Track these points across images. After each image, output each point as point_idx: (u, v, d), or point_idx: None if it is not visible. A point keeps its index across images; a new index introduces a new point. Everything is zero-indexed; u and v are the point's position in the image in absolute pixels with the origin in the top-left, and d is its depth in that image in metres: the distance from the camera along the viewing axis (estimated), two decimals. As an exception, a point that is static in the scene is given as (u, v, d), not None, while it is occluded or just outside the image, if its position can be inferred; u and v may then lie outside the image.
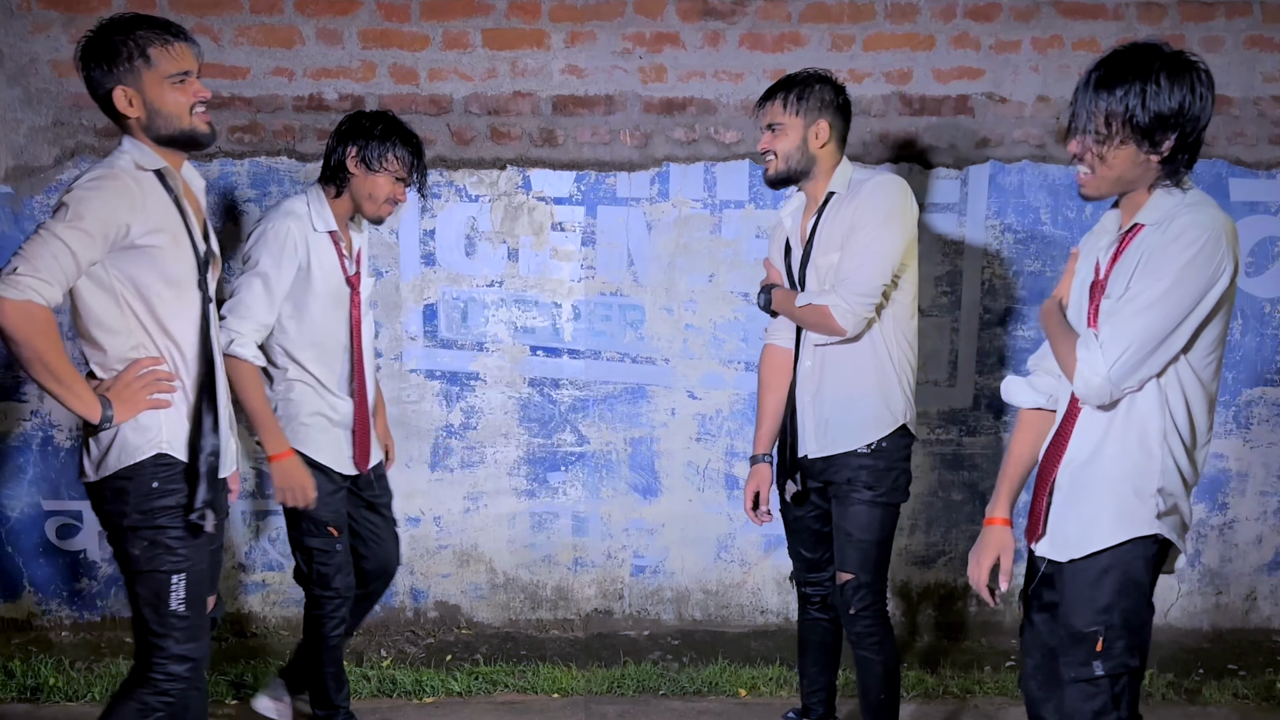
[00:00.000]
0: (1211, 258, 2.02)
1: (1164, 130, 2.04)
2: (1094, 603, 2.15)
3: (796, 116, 2.75)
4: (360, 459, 3.05)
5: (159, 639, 2.36)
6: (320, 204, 2.92)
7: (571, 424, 3.89)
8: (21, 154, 3.66)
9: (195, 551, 2.38)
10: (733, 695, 3.57)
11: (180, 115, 2.34)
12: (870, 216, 2.71)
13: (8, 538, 3.85)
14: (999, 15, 3.69)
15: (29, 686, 3.53)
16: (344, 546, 3.05)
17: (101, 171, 2.30)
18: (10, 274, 2.16)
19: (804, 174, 2.81)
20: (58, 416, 3.78)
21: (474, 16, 3.66)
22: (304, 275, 2.88)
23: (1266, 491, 3.94)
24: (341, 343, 2.97)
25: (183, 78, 2.33)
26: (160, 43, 2.30)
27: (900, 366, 2.81)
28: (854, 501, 2.81)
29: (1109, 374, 2.07)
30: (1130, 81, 2.03)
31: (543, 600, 3.98)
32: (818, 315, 2.75)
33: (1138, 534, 2.13)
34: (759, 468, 2.99)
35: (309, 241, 2.88)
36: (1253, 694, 3.56)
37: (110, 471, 2.33)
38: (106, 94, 2.31)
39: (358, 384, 3.01)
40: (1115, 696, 2.14)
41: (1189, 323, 2.05)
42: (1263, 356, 3.86)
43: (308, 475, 2.91)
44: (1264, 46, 3.70)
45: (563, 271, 3.81)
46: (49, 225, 2.20)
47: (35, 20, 3.59)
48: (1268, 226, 3.80)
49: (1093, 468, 2.18)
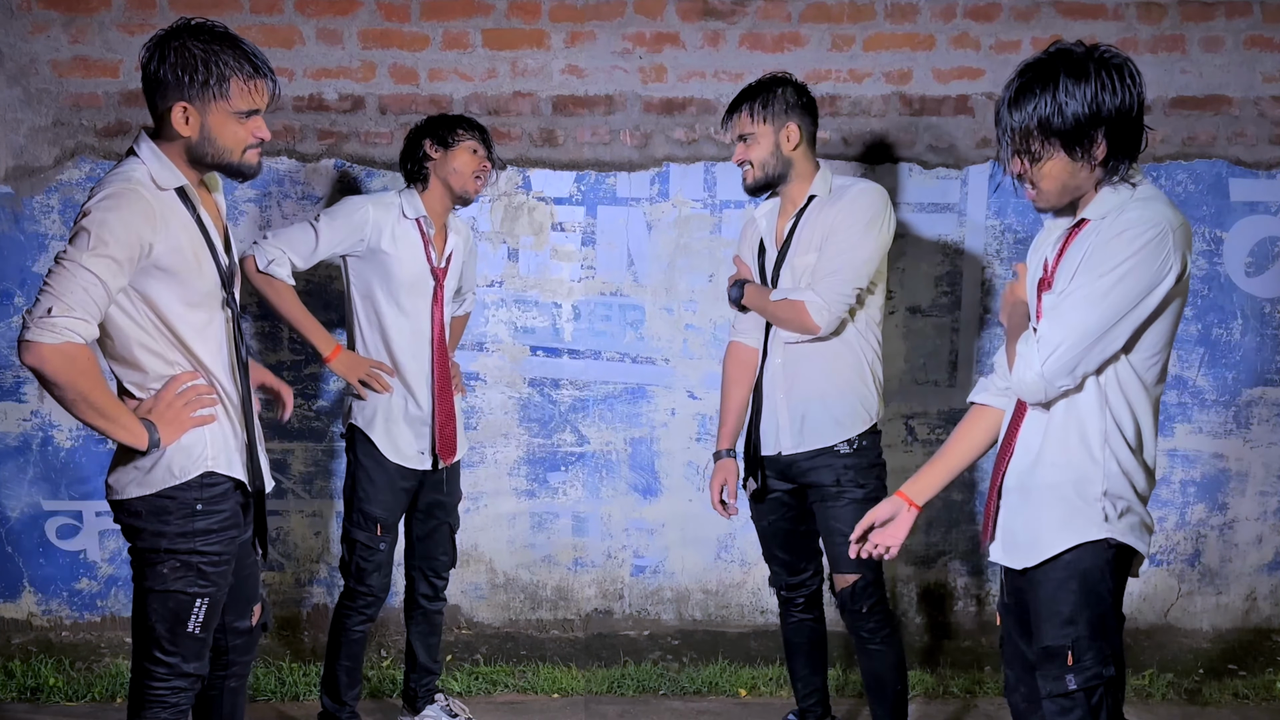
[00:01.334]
0: (1155, 255, 1.97)
1: (1087, 132, 1.99)
2: (1058, 616, 2.11)
3: (765, 124, 2.79)
4: (443, 450, 3.10)
5: (168, 656, 2.31)
6: (412, 195, 3.04)
7: (571, 424, 3.89)
8: (21, 154, 3.66)
9: (223, 577, 2.34)
10: (733, 695, 3.58)
11: (233, 150, 2.24)
12: (852, 221, 2.76)
13: (8, 538, 3.85)
14: (999, 15, 3.69)
15: (29, 686, 3.53)
16: (388, 547, 3.07)
17: (118, 188, 2.17)
18: (44, 316, 2.05)
19: (782, 178, 2.85)
20: (58, 417, 3.78)
21: (474, 16, 3.66)
22: (379, 259, 2.98)
23: (1266, 491, 3.94)
24: (422, 333, 3.03)
25: (250, 114, 2.23)
26: (244, 76, 2.20)
27: (874, 366, 2.89)
28: (845, 502, 2.83)
29: (1042, 370, 2.02)
30: (1037, 94, 1.99)
31: (543, 600, 3.99)
32: (793, 311, 2.78)
33: (1086, 539, 2.09)
34: (725, 462, 3.02)
35: (393, 229, 2.99)
36: (1253, 694, 3.56)
37: (153, 490, 2.25)
38: (166, 105, 2.19)
39: (439, 374, 3.06)
40: (1092, 709, 2.09)
41: (1128, 321, 2.00)
42: (1263, 356, 3.86)
43: (364, 358, 3.02)
44: (1264, 46, 3.70)
45: (563, 271, 3.81)
46: (73, 255, 2.08)
47: (35, 20, 3.59)
48: (1268, 226, 3.80)
49: (1036, 470, 2.14)
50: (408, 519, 3.20)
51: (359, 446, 3.06)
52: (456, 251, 3.12)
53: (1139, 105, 2.01)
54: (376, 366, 3.02)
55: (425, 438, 3.07)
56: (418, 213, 3.02)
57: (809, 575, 3.04)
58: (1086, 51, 2.00)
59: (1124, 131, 2.00)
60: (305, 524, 3.90)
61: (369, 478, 3.04)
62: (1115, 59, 2.00)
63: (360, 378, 3.01)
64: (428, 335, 3.04)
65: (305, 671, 3.61)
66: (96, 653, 3.77)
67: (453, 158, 2.99)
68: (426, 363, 3.05)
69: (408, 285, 3.00)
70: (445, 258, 3.08)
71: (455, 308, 3.28)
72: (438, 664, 3.32)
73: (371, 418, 3.03)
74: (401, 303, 3.01)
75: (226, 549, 2.34)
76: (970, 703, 3.52)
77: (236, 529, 2.37)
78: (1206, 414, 3.89)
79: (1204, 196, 3.76)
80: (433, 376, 3.06)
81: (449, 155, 2.99)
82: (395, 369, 3.03)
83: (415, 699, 3.29)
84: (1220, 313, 3.83)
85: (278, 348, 3.80)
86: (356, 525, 3.06)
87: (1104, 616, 2.11)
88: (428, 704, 3.28)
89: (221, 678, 2.53)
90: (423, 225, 3.03)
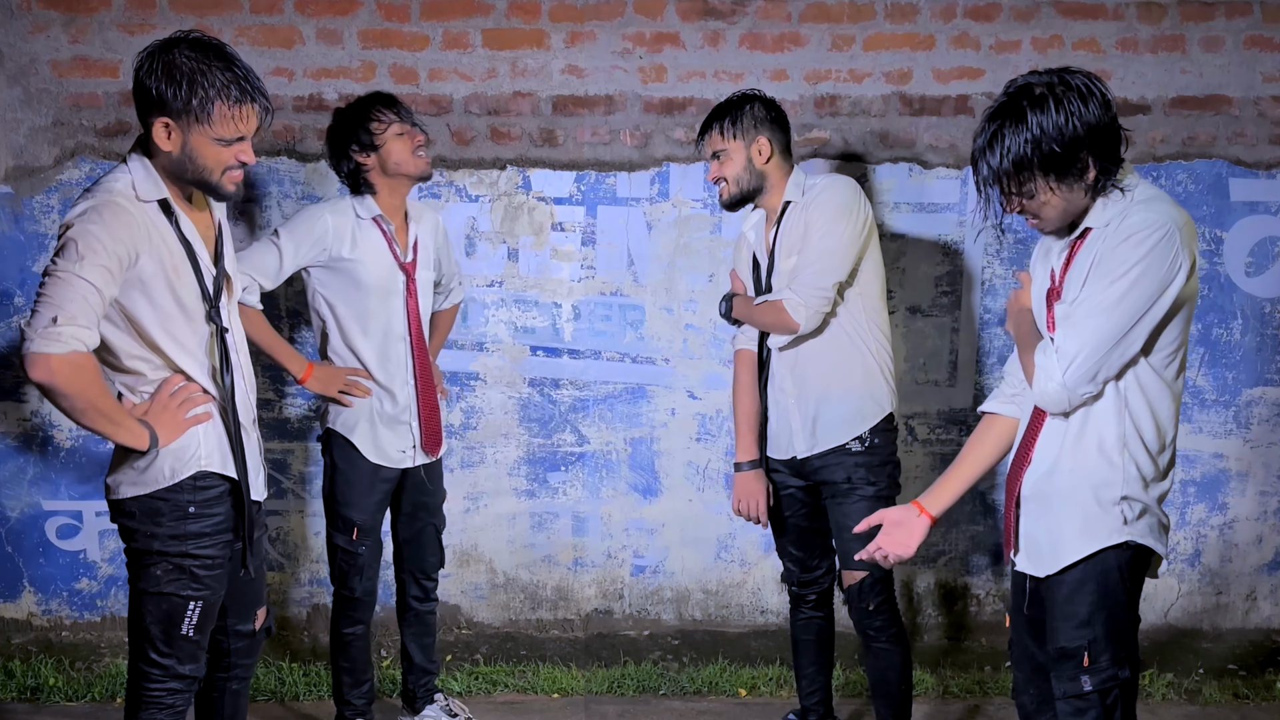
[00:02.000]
0: (1165, 255, 1.98)
1: (1073, 157, 2.00)
2: (1074, 617, 2.11)
3: (736, 140, 2.85)
4: (429, 443, 3.08)
5: (163, 658, 2.31)
6: (364, 198, 2.97)
7: (571, 424, 3.89)
8: (21, 154, 3.66)
9: (217, 580, 2.34)
10: (733, 695, 3.58)
11: (212, 170, 2.19)
12: (820, 215, 2.80)
13: (8, 538, 3.85)
14: (999, 15, 3.68)
15: (29, 686, 3.53)
16: (368, 551, 3.06)
17: (99, 200, 2.15)
18: (48, 326, 2.03)
19: (757, 191, 2.90)
20: (57, 417, 3.78)
21: (474, 16, 3.66)
22: (344, 266, 2.93)
23: (1266, 491, 3.94)
24: (399, 332, 3.00)
25: (234, 140, 2.18)
26: (229, 102, 2.13)
27: (880, 356, 2.89)
28: (856, 499, 2.84)
29: (1064, 380, 2.04)
30: (1008, 137, 2.01)
31: (543, 600, 3.98)
32: (773, 312, 2.82)
33: (1106, 544, 2.10)
34: (756, 473, 3.00)
35: (353, 233, 2.93)
36: (1253, 694, 3.56)
37: (147, 490, 2.26)
38: (150, 120, 2.16)
39: (420, 368, 3.03)
40: (1107, 709, 2.10)
41: (1145, 323, 2.02)
42: (1263, 356, 3.86)
43: (338, 369, 2.99)
44: (1264, 46, 3.70)
45: (563, 271, 3.81)
46: (65, 266, 2.06)
47: (35, 20, 3.59)
48: (1268, 226, 3.80)
49: (1054, 479, 2.14)
50: (393, 523, 3.19)
51: (336, 450, 3.04)
52: (423, 240, 3.06)
53: (1111, 115, 2.02)
54: (351, 374, 2.99)
55: (407, 436, 3.05)
56: (372, 213, 2.96)
57: (822, 573, 3.06)
58: (1046, 83, 2.01)
59: (1106, 144, 2.02)
60: (305, 524, 3.90)
61: (346, 481, 3.03)
62: (1075, 79, 2.01)
63: (339, 389, 2.99)
64: (403, 332, 3.00)
65: (305, 671, 3.61)
66: (96, 653, 3.77)
67: (386, 154, 2.92)
68: (403, 359, 3.01)
69: (378, 287, 2.95)
70: (411, 249, 3.03)
71: (440, 301, 3.26)
72: (434, 663, 3.32)
73: (354, 423, 3.00)
74: (371, 305, 2.96)
75: (220, 553, 2.33)
76: (973, 704, 3.52)
77: (231, 533, 2.36)
78: (1206, 414, 3.89)
79: (1204, 196, 3.76)
80: (414, 371, 3.02)
81: (381, 154, 2.92)
82: (368, 372, 2.99)
83: (414, 699, 3.29)
84: (1220, 313, 3.83)
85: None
86: (337, 529, 3.06)
87: (1120, 618, 2.12)
88: (427, 704, 3.28)
89: (223, 679, 2.53)
90: (381, 224, 2.97)
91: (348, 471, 3.03)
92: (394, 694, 3.52)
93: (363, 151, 2.92)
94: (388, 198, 2.98)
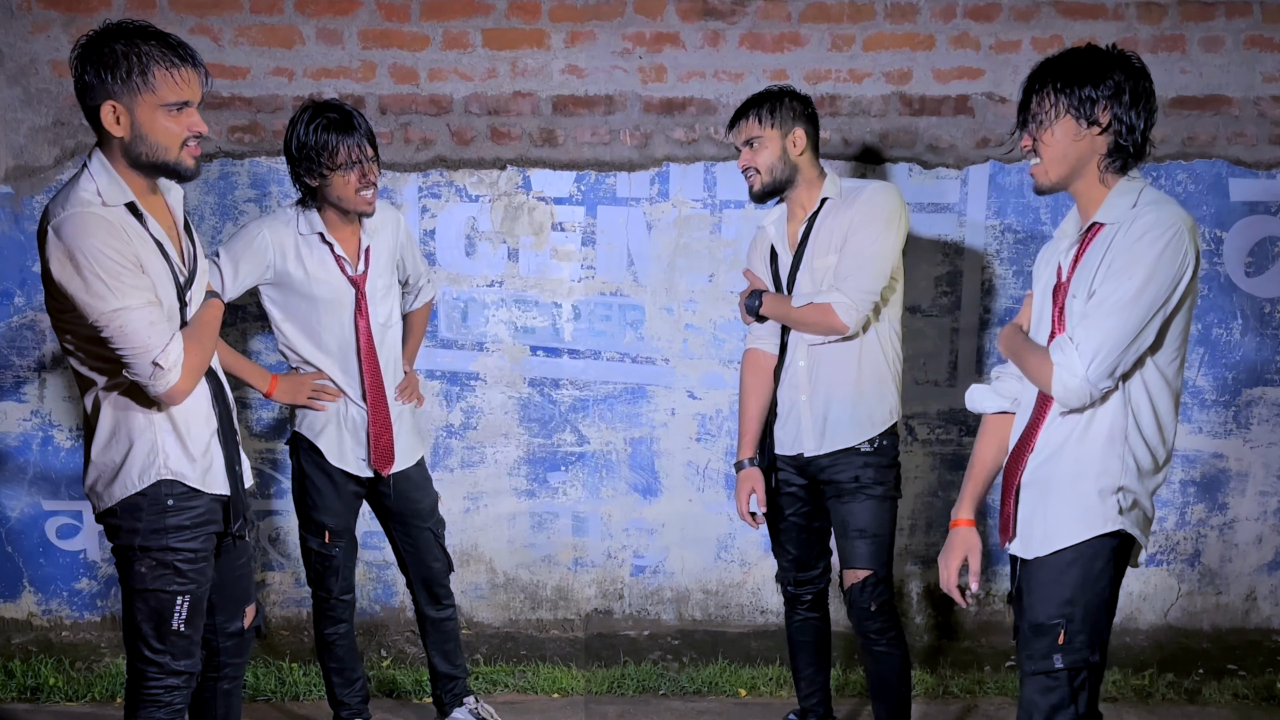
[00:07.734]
0: (1176, 253, 2.07)
1: (1096, 97, 2.10)
2: (1057, 595, 2.17)
3: (773, 129, 2.82)
4: (378, 461, 3.02)
5: (157, 655, 2.33)
6: (310, 211, 2.90)
7: (571, 424, 3.89)
8: (21, 154, 3.66)
9: (201, 573, 2.35)
10: (733, 695, 3.57)
11: (169, 147, 2.16)
12: (871, 220, 2.79)
13: (8, 538, 3.85)
14: (999, 15, 3.68)
15: (29, 686, 3.53)
16: (341, 553, 3.06)
17: (72, 211, 2.12)
18: (155, 371, 2.17)
19: (788, 183, 2.87)
20: (57, 417, 3.79)
21: (474, 16, 3.66)
22: (289, 283, 2.88)
23: (1266, 491, 3.94)
24: (349, 345, 2.95)
25: (181, 106, 2.15)
26: (166, 65, 2.11)
27: (894, 366, 2.91)
28: (864, 499, 2.85)
29: (1087, 374, 2.10)
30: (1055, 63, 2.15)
31: (543, 600, 3.99)
32: (820, 314, 2.79)
33: (1100, 532, 2.17)
34: (751, 471, 3.00)
35: (296, 247, 2.87)
36: (1253, 694, 3.56)
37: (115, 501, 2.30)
38: (95, 106, 2.13)
39: (369, 387, 2.98)
40: (1074, 691, 2.16)
41: (1158, 318, 2.10)
42: (1263, 356, 3.86)
43: (302, 378, 2.98)
44: (1264, 46, 3.70)
45: (563, 271, 3.81)
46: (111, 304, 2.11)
47: (35, 20, 3.59)
48: (1268, 226, 3.80)
49: (1056, 468, 2.21)
50: (389, 534, 3.18)
51: (303, 454, 3.03)
52: (377, 248, 2.97)
53: (1146, 98, 2.12)
54: (316, 379, 2.96)
55: (364, 445, 3.02)
56: (314, 228, 2.88)
57: (818, 573, 3.06)
58: (1110, 47, 2.15)
59: (1129, 117, 2.11)
60: (305, 524, 3.90)
61: (315, 485, 3.02)
62: (1135, 58, 2.15)
63: (307, 397, 2.96)
64: (353, 345, 2.95)
65: (305, 671, 3.61)
66: (96, 652, 3.77)
67: (328, 187, 2.81)
68: (355, 373, 2.97)
69: (326, 301, 2.90)
70: (363, 259, 2.94)
71: (410, 301, 3.23)
72: (459, 668, 3.28)
73: (320, 427, 2.98)
74: (323, 319, 2.92)
75: (203, 546, 2.35)
76: (971, 703, 3.52)
77: (213, 524, 2.38)
78: (1206, 414, 3.89)
79: (1204, 196, 3.76)
80: (362, 386, 2.98)
81: (325, 183, 2.81)
82: (332, 380, 2.97)
83: (443, 704, 3.29)
84: (1220, 313, 3.83)
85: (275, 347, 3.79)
86: (310, 532, 3.05)
87: (1099, 603, 2.18)
88: (455, 707, 3.27)
89: (214, 679, 2.54)
90: (325, 237, 2.89)
91: (315, 476, 3.01)
92: (393, 694, 3.52)
93: (310, 177, 2.83)
94: (331, 215, 2.90)
